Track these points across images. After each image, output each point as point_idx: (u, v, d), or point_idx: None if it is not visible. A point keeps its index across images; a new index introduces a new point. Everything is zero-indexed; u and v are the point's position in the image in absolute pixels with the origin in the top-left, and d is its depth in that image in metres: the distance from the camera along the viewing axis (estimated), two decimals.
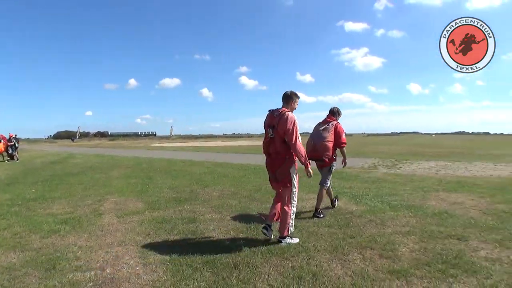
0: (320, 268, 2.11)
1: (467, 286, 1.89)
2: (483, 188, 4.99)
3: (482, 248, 2.48)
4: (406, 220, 3.28)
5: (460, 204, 3.99)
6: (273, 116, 2.18)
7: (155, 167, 8.46)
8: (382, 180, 5.89)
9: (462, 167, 8.07)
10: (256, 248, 2.43)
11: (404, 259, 2.29)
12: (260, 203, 4.10)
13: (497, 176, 6.38)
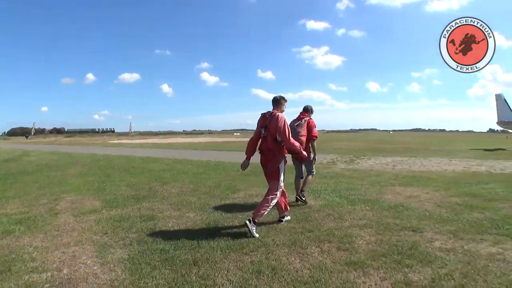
0: (279, 262, 4.02)
1: (422, 276, 3.63)
2: (437, 182, 9.73)
3: (437, 239, 4.75)
4: (363, 213, 6.25)
5: (415, 197, 7.63)
6: (266, 117, 5.17)
7: (113, 164, 15.43)
8: (340, 175, 11.09)
9: (418, 162, 15.76)
10: (215, 244, 4.64)
11: (361, 251, 4.34)
12: (219, 199, 7.67)
13: (452, 170, 12.83)
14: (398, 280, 3.61)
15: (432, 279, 3.64)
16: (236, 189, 8.89)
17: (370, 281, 3.60)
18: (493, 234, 5.11)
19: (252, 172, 11.58)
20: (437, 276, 3.69)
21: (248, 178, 10.77)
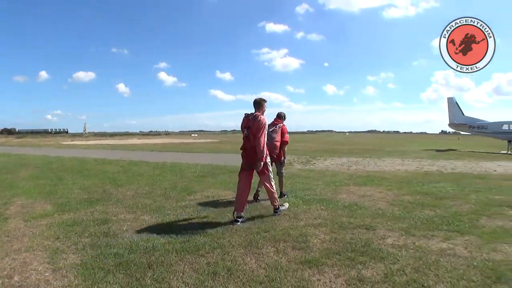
0: (234, 263, 4.16)
1: (375, 272, 3.85)
2: (390, 181, 10.39)
3: (389, 236, 5.06)
4: (318, 213, 6.56)
5: (369, 196, 8.09)
6: (249, 119, 5.92)
7: (66, 166, 15.74)
8: (296, 176, 11.55)
9: (372, 162, 16.58)
10: (170, 246, 4.70)
11: (316, 250, 4.57)
12: (175, 201, 7.76)
13: (404, 170, 13.66)
14: (352, 276, 3.78)
15: (384, 274, 3.83)
16: (192, 191, 8.94)
17: (325, 278, 3.76)
18: (444, 230, 5.45)
19: (209, 173, 12.04)
20: (390, 272, 3.89)
21: (205, 179, 10.90)
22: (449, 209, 6.87)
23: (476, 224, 5.82)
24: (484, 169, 14.33)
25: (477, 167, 15.28)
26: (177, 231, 5.45)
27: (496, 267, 4.00)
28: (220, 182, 10.39)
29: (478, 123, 30.82)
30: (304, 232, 5.30)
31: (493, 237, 5.10)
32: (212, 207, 7.15)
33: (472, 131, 31.74)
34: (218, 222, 5.90)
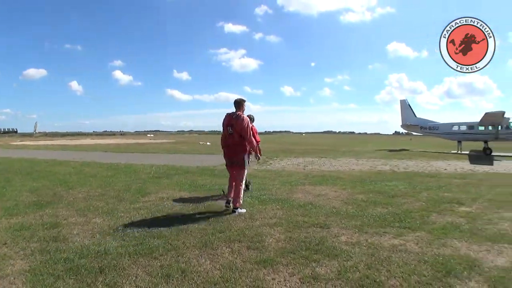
0: (189, 264, 4.18)
1: (329, 269, 4.01)
2: (345, 180, 10.81)
3: (343, 234, 5.30)
4: (273, 212, 6.73)
5: (324, 195, 8.32)
6: (232, 117, 6.66)
7: (14, 168, 15.14)
8: (253, 176, 11.07)
9: (328, 162, 17.15)
10: (123, 250, 4.63)
11: (271, 249, 4.68)
12: (129, 203, 7.62)
13: (359, 170, 14.20)
14: (306, 274, 3.86)
15: (338, 271, 3.93)
16: (146, 192, 8.84)
17: (279, 277, 3.83)
18: (396, 227, 5.69)
19: (164, 174, 11.91)
20: (343, 269, 4.00)
21: (160, 180, 10.76)
22: (401, 206, 7.19)
23: (426, 221, 6.11)
24: (435, 168, 15.15)
25: (428, 166, 16.13)
26: (130, 233, 5.38)
27: (446, 262, 4.21)
28: (175, 183, 10.39)
29: (430, 124, 32.36)
30: (259, 232, 5.40)
31: (443, 233, 5.38)
32: (166, 208, 7.12)
33: (424, 132, 33.24)
34: (172, 224, 5.86)
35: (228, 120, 6.80)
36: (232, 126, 6.71)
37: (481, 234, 5.35)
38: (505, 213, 6.69)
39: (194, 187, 9.68)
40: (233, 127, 6.71)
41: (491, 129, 26.88)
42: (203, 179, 11.11)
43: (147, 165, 14.92)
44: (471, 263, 4.19)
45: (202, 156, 21.37)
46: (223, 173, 11.73)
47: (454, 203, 7.55)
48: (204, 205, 7.31)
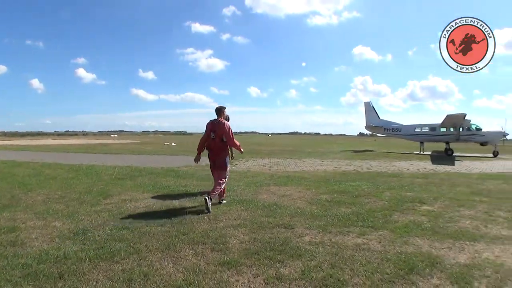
0: (151, 268, 4.12)
1: (293, 269, 4.05)
2: (310, 181, 10.97)
3: (307, 234, 5.39)
4: (238, 213, 6.79)
5: (288, 196, 8.40)
6: (214, 123, 7.56)
7: None
8: None
9: (293, 163, 17.35)
10: (83, 254, 4.50)
11: (235, 250, 4.69)
12: (90, 206, 7.45)
13: (323, 170, 14.47)
14: (270, 275, 3.88)
15: (302, 271, 3.97)
16: (108, 195, 8.65)
17: (243, 279, 3.83)
18: (359, 226, 5.81)
19: (128, 176, 11.70)
20: (307, 268, 4.05)
21: (123, 182, 10.55)
22: (364, 206, 7.37)
23: (389, 220, 6.30)
24: (397, 168, 15.69)
25: (391, 166, 16.69)
26: (91, 237, 5.24)
27: (409, 259, 4.33)
28: (138, 184, 10.23)
29: (393, 126, 33.43)
30: (223, 234, 5.42)
31: (406, 231, 5.54)
32: (129, 211, 6.99)
33: (387, 133, 34.33)
34: (135, 227, 5.76)
35: (211, 126, 7.56)
36: (215, 131, 7.43)
37: (442, 232, 5.55)
38: (466, 211, 7.01)
39: (158, 188, 9.56)
40: (215, 132, 7.43)
41: (452, 130, 28.11)
42: (167, 180, 11.01)
43: (109, 167, 14.55)
44: (433, 260, 4.33)
45: (167, 157, 21.15)
46: (187, 174, 12.39)
47: (416, 202, 7.82)
48: (167, 207, 7.23)
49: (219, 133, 7.46)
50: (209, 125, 7.66)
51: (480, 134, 27.74)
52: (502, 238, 5.36)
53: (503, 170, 16.03)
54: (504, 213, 6.94)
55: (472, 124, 27.85)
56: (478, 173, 14.46)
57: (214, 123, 7.60)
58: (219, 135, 7.47)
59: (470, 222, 6.21)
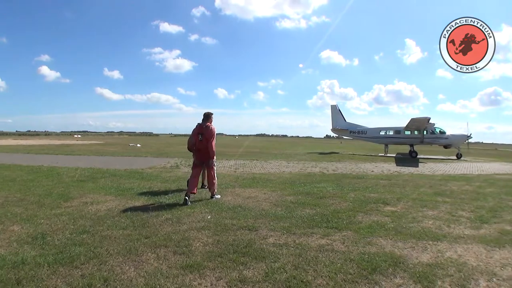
0: (112, 272, 4.08)
1: (256, 271, 4.09)
2: (275, 183, 11.11)
3: (271, 236, 5.48)
4: (202, 216, 6.80)
5: (253, 198, 8.47)
6: (202, 127, 8.62)
7: None
8: (182, 179, 11.49)
9: (259, 165, 17.51)
10: (42, 259, 4.41)
11: (198, 253, 4.71)
12: (50, 209, 7.25)
13: (289, 172, 14.65)
14: (233, 278, 3.89)
15: (265, 273, 4.00)
16: (69, 197, 8.41)
17: (206, 282, 3.83)
18: (323, 227, 5.91)
19: (90, 178, 11.44)
20: (270, 270, 4.08)
21: (84, 184, 10.27)
22: (328, 207, 7.51)
23: (353, 220, 6.43)
24: (362, 170, 16.02)
25: (356, 168, 17.01)
26: (50, 242, 5.11)
27: (372, 260, 4.44)
28: (101, 187, 9.99)
29: (359, 129, 34.19)
30: (186, 236, 5.41)
31: (369, 232, 5.69)
32: (90, 214, 6.81)
33: (353, 136, 35.03)
34: (96, 230, 5.65)
35: (199, 129, 8.49)
36: (203, 134, 8.40)
37: (405, 232, 5.73)
38: (429, 212, 7.28)
39: (121, 190, 9.34)
40: (203, 135, 8.40)
41: (416, 133, 29.07)
42: (130, 182, 10.81)
43: (71, 168, 14.06)
44: (396, 260, 4.46)
45: (131, 159, 20.69)
46: (151, 176, 12.35)
47: (380, 203, 8.04)
48: (130, 210, 7.09)
49: (207, 136, 8.40)
50: (196, 127, 8.58)
51: (444, 137, 28.83)
52: (465, 237, 5.58)
53: (466, 172, 16.71)
54: (466, 213, 7.25)
55: (436, 128, 28.90)
56: (441, 175, 15.00)
57: (202, 126, 8.52)
58: (207, 138, 8.40)
59: (433, 222, 6.43)
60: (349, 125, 35.03)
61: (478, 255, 4.81)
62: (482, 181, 12.73)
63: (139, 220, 6.37)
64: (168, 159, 20.23)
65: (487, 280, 4.01)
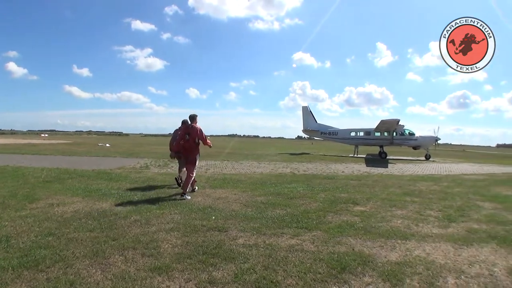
0: (78, 276, 4.02)
1: (226, 273, 4.09)
2: (246, 183, 11.15)
3: (241, 236, 5.51)
4: (171, 217, 6.77)
5: (224, 198, 8.47)
6: (188, 127, 9.75)
7: None
8: (152, 180, 11.77)
9: (230, 165, 17.54)
10: (6, 262, 4.32)
11: (167, 255, 4.67)
12: (14, 210, 7.03)
13: (260, 173, 14.76)
14: (202, 279, 3.88)
15: (235, 274, 4.00)
16: (35, 199, 8.16)
17: (175, 284, 3.81)
18: (293, 227, 5.96)
19: (56, 178, 11.16)
20: (240, 271, 4.08)
21: (51, 185, 10.00)
22: (299, 207, 7.59)
23: (323, 220, 6.52)
24: (333, 171, 16.30)
25: (327, 169, 17.29)
26: (14, 245, 4.97)
27: (341, 259, 4.52)
28: (67, 188, 9.73)
29: (330, 130, 34.69)
30: (155, 238, 5.35)
31: (339, 231, 5.78)
32: (56, 216, 6.62)
33: (324, 137, 35.51)
34: (62, 233, 5.52)
35: (185, 129, 9.53)
36: (189, 134, 9.32)
37: (375, 231, 5.86)
38: (398, 211, 7.48)
39: (88, 191, 9.13)
40: (189, 134, 9.31)
41: (386, 135, 29.71)
42: (98, 183, 10.62)
43: (37, 168, 13.69)
44: (365, 259, 4.55)
45: (100, 159, 20.28)
46: (120, 177, 12.35)
47: (349, 203, 8.18)
48: (97, 211, 6.92)
49: (193, 135, 9.32)
50: (183, 128, 9.75)
51: (413, 139, 29.60)
52: (433, 236, 5.74)
53: (434, 172, 17.26)
54: (434, 212, 7.49)
55: (405, 129, 29.65)
56: (410, 175, 15.44)
57: (188, 127, 9.52)
58: (193, 137, 9.32)
59: (402, 222, 6.60)
60: (320, 126, 35.48)
61: (446, 253, 4.95)
62: (450, 181, 13.21)
63: (107, 222, 6.26)
64: (138, 159, 20.08)
65: (455, 277, 4.13)
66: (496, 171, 19.23)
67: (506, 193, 10.46)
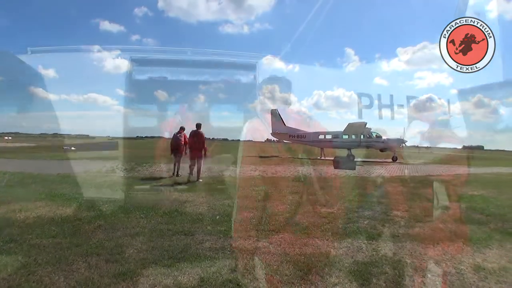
0: (40, 283, 3.99)
1: (192, 277, 4.09)
2: (213, 186, 11.10)
3: (207, 240, 5.52)
4: (136, 221, 6.72)
5: (191, 202, 8.41)
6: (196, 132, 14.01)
7: None
8: (118, 184, 11.68)
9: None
10: None
11: (131, 260, 4.68)
12: None
13: (228, 175, 14.35)
14: (167, 284, 3.90)
15: (201, 278, 4.02)
16: None
17: None
18: (260, 230, 6.02)
19: (19, 183, 10.89)
20: (206, 275, 4.11)
21: (13, 190, 9.79)
22: (266, 210, 7.65)
23: (290, 222, 6.58)
24: (301, 173, 16.45)
25: (295, 171, 17.34)
26: None
27: (308, 260, 4.59)
28: (30, 192, 9.50)
29: (298, 133, 34.95)
30: (120, 243, 5.29)
31: (306, 233, 5.87)
32: (18, 222, 6.48)
33: (293, 140, 35.70)
34: (24, 239, 5.43)
35: (193, 134, 12.76)
36: (196, 137, 12.58)
37: (341, 233, 5.97)
38: (364, 212, 7.61)
39: (52, 196, 8.84)
40: (197, 138, 12.58)
41: (354, 137, 30.23)
42: (62, 187, 10.34)
43: (0, 173, 13.25)
44: (332, 260, 4.64)
45: (65, 162, 19.51)
46: (85, 181, 12.20)
47: (317, 205, 8.26)
48: (61, 217, 6.77)
49: (199, 139, 12.62)
50: (191, 133, 12.97)
51: (380, 141, 30.20)
52: (399, 236, 5.90)
53: (401, 174, 17.72)
54: (400, 212, 7.69)
55: (373, 132, 30.24)
56: (377, 177, 15.75)
57: (195, 132, 12.83)
58: (199, 140, 12.59)
59: (368, 222, 6.74)
60: (289, 129, 35.71)
61: (412, 252, 5.10)
62: (417, 182, 13.51)
63: (70, 227, 6.16)
64: (104, 162, 19.36)
65: (422, 276, 4.27)
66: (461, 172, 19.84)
67: (471, 193, 10.85)
